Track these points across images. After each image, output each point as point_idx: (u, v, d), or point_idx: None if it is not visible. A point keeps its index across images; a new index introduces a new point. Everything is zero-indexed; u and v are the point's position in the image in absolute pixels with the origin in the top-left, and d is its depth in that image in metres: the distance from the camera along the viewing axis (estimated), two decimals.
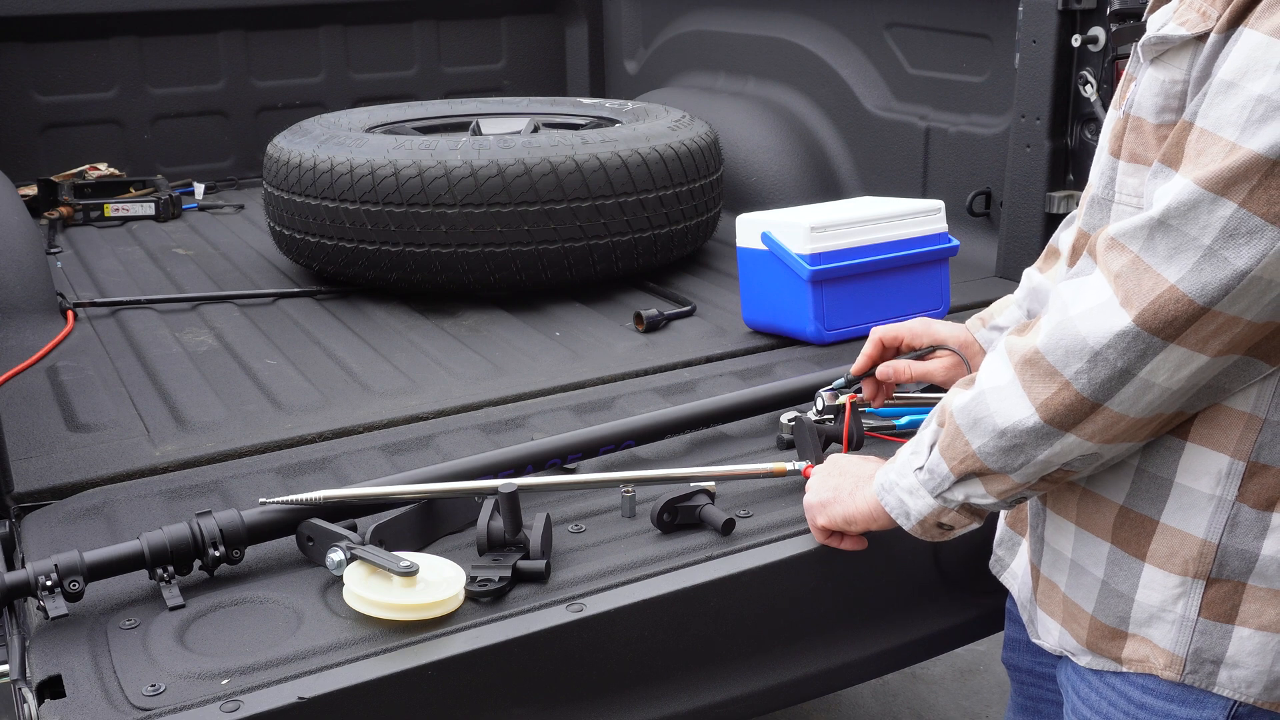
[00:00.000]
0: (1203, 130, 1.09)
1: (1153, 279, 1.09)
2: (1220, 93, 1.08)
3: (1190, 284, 1.07)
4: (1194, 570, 1.20)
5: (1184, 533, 1.21)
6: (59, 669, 1.35)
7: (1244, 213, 1.04)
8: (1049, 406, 1.16)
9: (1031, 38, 2.61)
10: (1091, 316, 1.12)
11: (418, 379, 2.28)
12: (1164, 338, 1.09)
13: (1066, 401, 1.15)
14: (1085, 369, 1.13)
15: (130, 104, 3.98)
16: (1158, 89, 1.20)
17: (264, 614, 1.48)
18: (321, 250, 2.78)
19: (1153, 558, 1.23)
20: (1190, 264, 1.07)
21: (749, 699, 1.64)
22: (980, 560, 1.77)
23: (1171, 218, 1.08)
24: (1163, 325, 1.08)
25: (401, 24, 4.33)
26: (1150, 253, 1.09)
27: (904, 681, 3.33)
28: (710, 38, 3.94)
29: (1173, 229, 1.08)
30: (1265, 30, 1.06)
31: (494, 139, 2.75)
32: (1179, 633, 1.22)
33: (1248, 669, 1.20)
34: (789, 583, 1.63)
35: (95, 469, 1.87)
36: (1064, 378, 1.15)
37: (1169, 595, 1.22)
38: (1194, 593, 1.21)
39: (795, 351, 2.38)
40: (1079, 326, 1.13)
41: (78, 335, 2.51)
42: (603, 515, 1.71)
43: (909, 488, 1.34)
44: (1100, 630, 1.29)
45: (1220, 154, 1.06)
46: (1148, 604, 1.24)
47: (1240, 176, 1.04)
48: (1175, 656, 1.23)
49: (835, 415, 1.86)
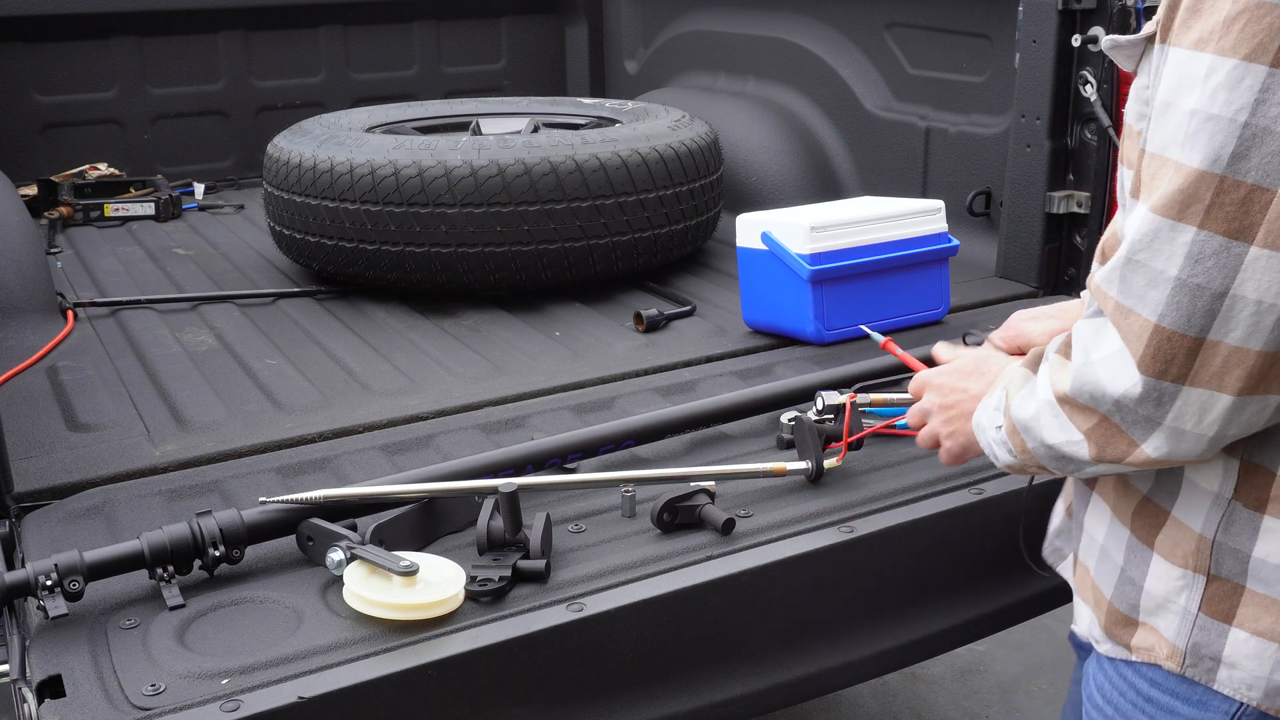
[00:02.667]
0: (1152, 154, 1.08)
1: (1139, 321, 1.06)
2: (1161, 114, 1.07)
3: (1172, 318, 1.04)
4: (1194, 564, 1.21)
5: (1186, 526, 1.21)
6: (59, 669, 1.35)
7: (1205, 234, 1.02)
8: (1092, 438, 1.16)
9: (1031, 38, 2.61)
10: (1109, 363, 1.10)
11: (418, 379, 2.28)
12: (1172, 380, 1.06)
13: (1108, 434, 1.14)
14: (1114, 411, 1.12)
15: (130, 104, 3.98)
16: (1135, 95, 1.21)
17: (264, 614, 1.48)
18: (321, 250, 2.78)
19: (1159, 547, 1.24)
20: (1165, 297, 1.04)
21: (749, 699, 1.64)
22: (982, 560, 1.77)
23: (1138, 253, 1.06)
24: (1164, 367, 1.06)
25: (401, 24, 4.33)
26: (1126, 294, 1.07)
27: (904, 681, 3.33)
28: (710, 38, 3.93)
29: (1140, 264, 1.06)
30: (1186, 45, 1.05)
31: (494, 139, 2.75)
32: (1180, 624, 1.23)
33: (1245, 672, 1.20)
34: (789, 583, 1.63)
35: (95, 469, 1.87)
36: (1100, 413, 1.14)
37: (1173, 586, 1.23)
38: (1195, 587, 1.21)
39: (795, 351, 2.38)
40: (1099, 373, 1.11)
41: (78, 335, 2.51)
42: (603, 515, 1.71)
43: (995, 439, 1.33)
44: (1115, 616, 1.30)
45: (1169, 175, 1.04)
46: (1155, 593, 1.25)
47: (1191, 197, 1.02)
48: (1176, 648, 1.23)
49: (835, 415, 1.86)
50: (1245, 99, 1.00)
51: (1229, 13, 1.01)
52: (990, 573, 1.86)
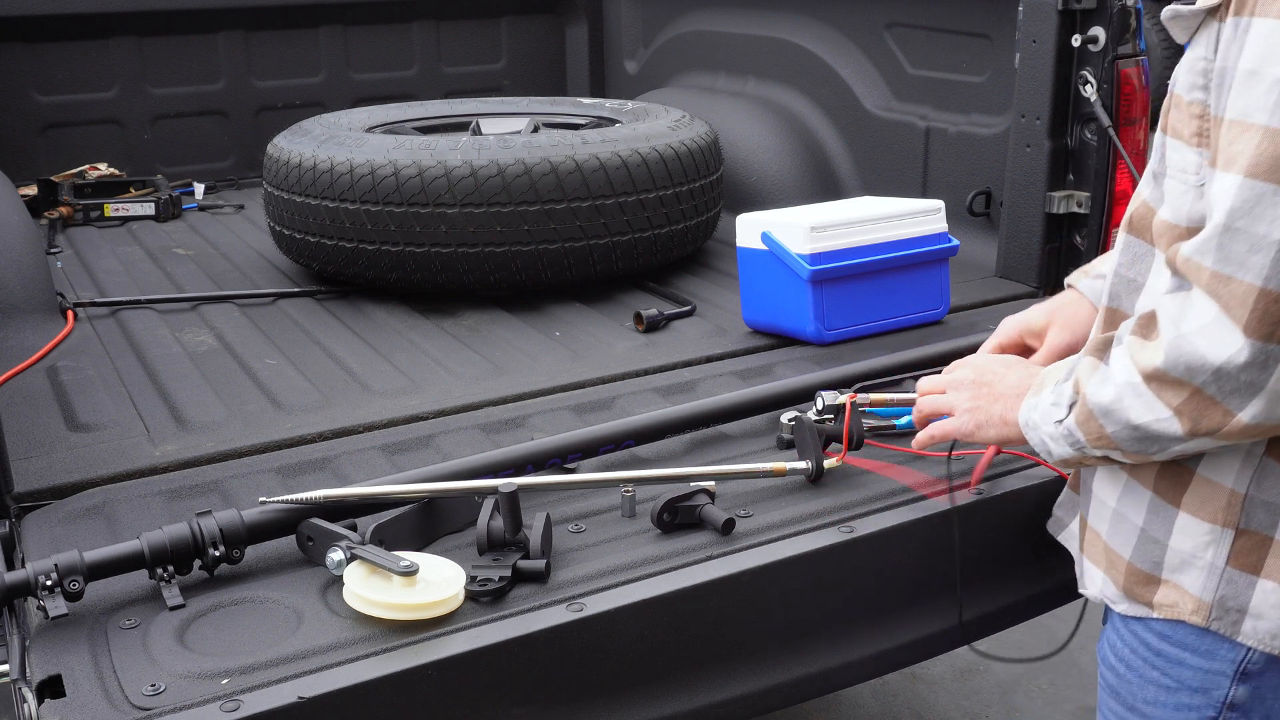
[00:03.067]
0: (1232, 121, 1.10)
1: (1241, 287, 1.08)
2: (1244, 82, 1.09)
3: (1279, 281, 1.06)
4: (1223, 519, 1.25)
5: (1215, 483, 1.25)
6: (59, 669, 1.35)
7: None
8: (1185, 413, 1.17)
9: (1031, 38, 2.61)
10: (1206, 333, 1.12)
11: (418, 379, 2.28)
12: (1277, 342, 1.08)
13: (1200, 408, 1.16)
14: (1213, 381, 1.13)
15: (130, 104, 3.98)
16: (1188, 67, 1.21)
17: (264, 614, 1.48)
18: (321, 250, 2.78)
19: (1187, 505, 1.28)
20: (1270, 260, 1.06)
21: (749, 699, 1.64)
22: (982, 561, 1.77)
23: (1237, 220, 1.08)
24: (1272, 329, 1.08)
25: (401, 24, 4.33)
26: (1226, 262, 1.09)
27: (904, 681, 3.33)
28: (710, 38, 3.93)
29: (1240, 231, 1.08)
30: (1273, 15, 1.08)
31: (494, 139, 2.75)
32: (1207, 579, 1.27)
33: (1270, 621, 1.24)
34: (789, 583, 1.63)
35: (95, 469, 1.87)
36: (1194, 386, 1.15)
37: (1200, 542, 1.27)
38: (1223, 541, 1.25)
39: (795, 351, 2.38)
40: (1196, 343, 1.13)
41: (78, 335, 2.51)
42: (603, 515, 1.71)
43: (1050, 435, 1.35)
44: (1136, 575, 1.33)
45: (1256, 140, 1.07)
46: (1180, 550, 1.28)
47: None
48: (1202, 602, 1.27)
49: (835, 415, 1.86)
50: None
51: None
52: (991, 573, 1.86)
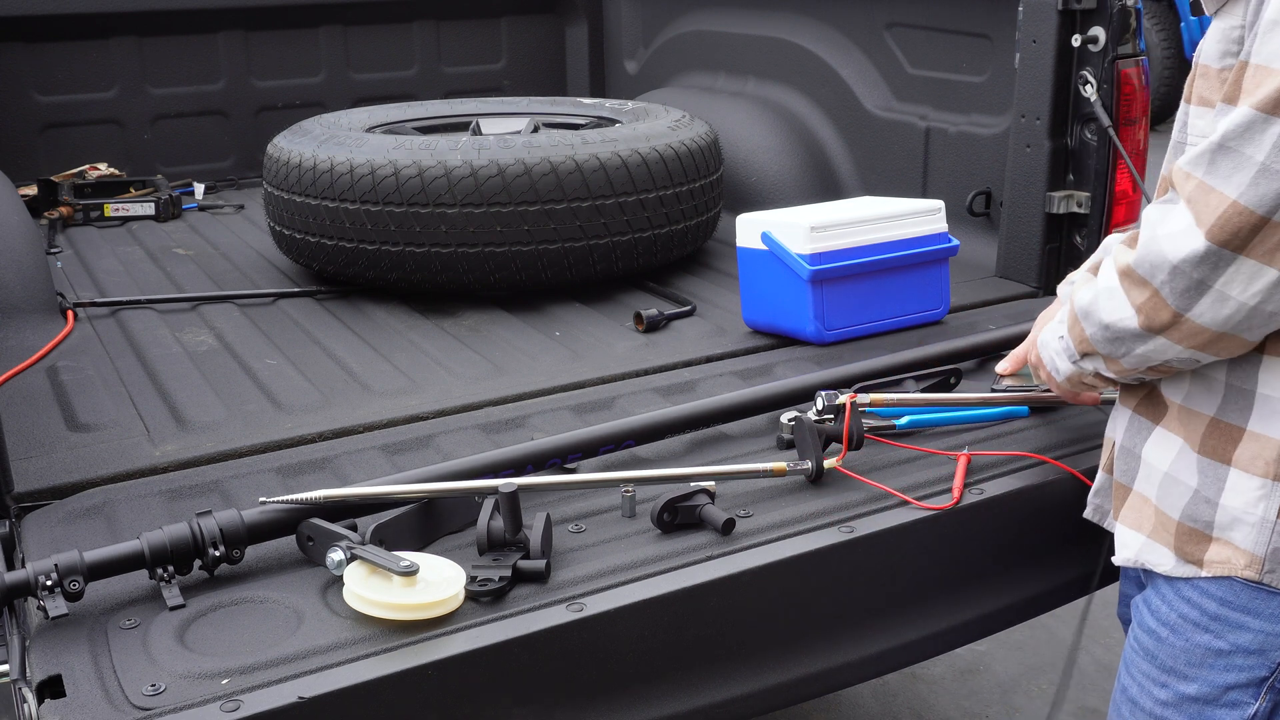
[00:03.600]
0: (1257, 66, 1.20)
1: (1218, 198, 1.20)
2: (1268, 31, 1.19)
3: (1250, 197, 1.17)
4: (1274, 472, 1.29)
5: (1267, 436, 1.30)
6: (59, 669, 1.35)
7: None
8: (1143, 310, 1.30)
9: (1031, 38, 2.61)
10: (1174, 237, 1.24)
11: (418, 379, 2.28)
12: (1232, 249, 1.19)
13: (1156, 307, 1.28)
14: (1168, 280, 1.25)
15: (130, 104, 3.98)
16: (1219, 36, 1.31)
17: (264, 614, 1.48)
18: (321, 250, 2.78)
19: (1238, 462, 1.33)
20: (1249, 179, 1.17)
21: (749, 699, 1.64)
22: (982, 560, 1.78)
23: (1230, 140, 1.19)
24: (1229, 237, 1.19)
25: (401, 24, 4.33)
26: (1213, 174, 1.21)
27: (904, 681, 3.33)
28: (710, 38, 3.93)
29: (1231, 150, 1.19)
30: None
31: (494, 139, 2.75)
32: (1259, 534, 1.31)
33: None
34: (789, 582, 1.63)
35: (95, 469, 1.87)
36: (1153, 286, 1.27)
37: (1251, 498, 1.31)
38: (1274, 495, 1.30)
39: (795, 351, 2.38)
40: (1163, 244, 1.25)
41: (78, 335, 2.51)
42: (603, 515, 1.71)
43: (1055, 350, 1.51)
44: (1187, 535, 1.37)
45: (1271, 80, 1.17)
46: (1231, 507, 1.33)
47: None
48: (1255, 557, 1.31)
49: (835, 415, 1.86)
50: None
51: None
52: (990, 573, 1.86)
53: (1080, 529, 1.71)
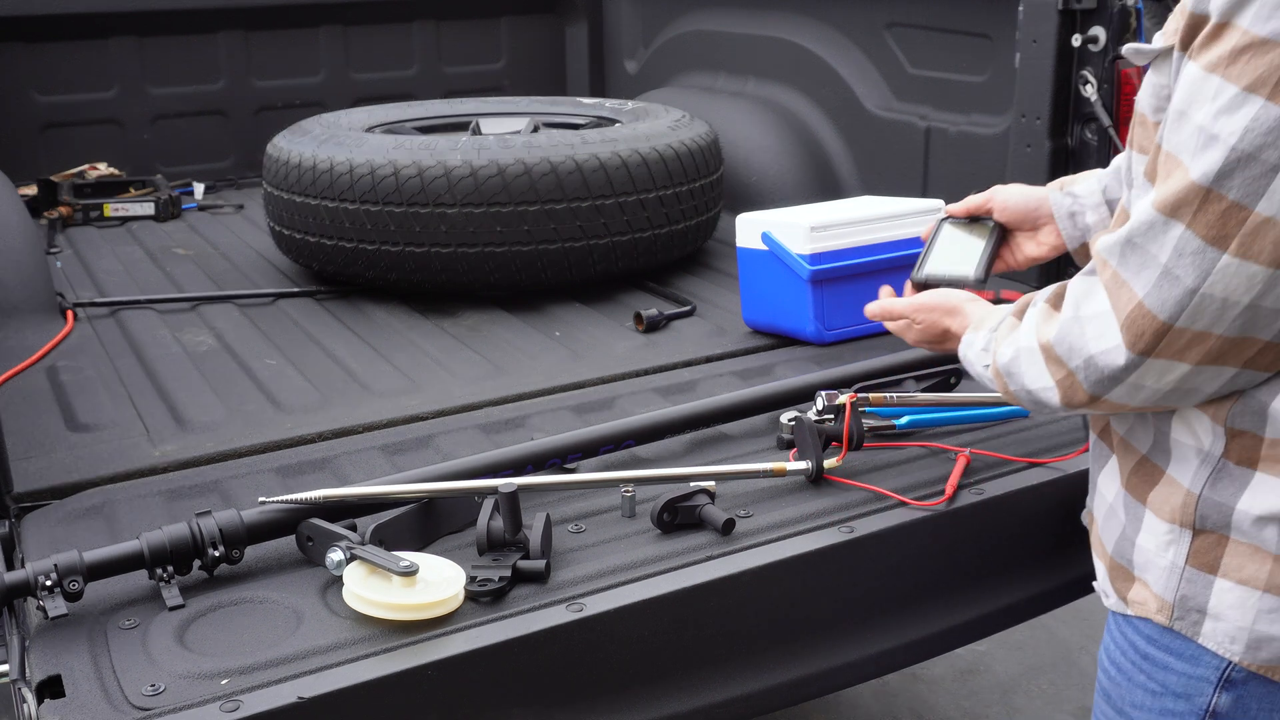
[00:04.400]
0: (1168, 153, 1.19)
1: (1128, 293, 1.19)
2: (1176, 120, 1.18)
3: (1153, 300, 1.17)
4: (1180, 519, 1.28)
5: (1176, 482, 1.29)
6: (59, 669, 1.35)
7: (1189, 234, 1.14)
8: (1061, 387, 1.29)
9: (1031, 38, 2.61)
10: (1095, 322, 1.23)
11: (418, 379, 2.28)
12: (1139, 352, 1.19)
13: (1072, 388, 1.27)
14: (1083, 367, 1.24)
15: (130, 104, 3.98)
16: (1152, 90, 1.30)
17: (264, 614, 1.48)
18: (321, 250, 2.78)
19: (1150, 504, 1.32)
20: (1153, 280, 1.17)
21: (749, 699, 1.63)
22: (982, 560, 1.77)
23: (1137, 236, 1.19)
24: (1135, 339, 1.19)
25: (401, 24, 4.33)
26: (1124, 267, 1.20)
27: (904, 681, 3.33)
28: (710, 38, 3.93)
29: (1138, 246, 1.18)
30: (1202, 65, 1.15)
31: (494, 139, 2.75)
32: (1168, 579, 1.29)
33: (1229, 623, 1.25)
34: (789, 583, 1.63)
35: (95, 469, 1.87)
36: (1069, 369, 1.26)
37: (1161, 542, 1.30)
38: (1182, 541, 1.28)
39: (795, 351, 2.38)
40: (1085, 329, 1.24)
41: (78, 335, 2.51)
42: (603, 515, 1.71)
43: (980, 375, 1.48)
44: (1116, 571, 1.37)
45: (1176, 177, 1.16)
46: (1145, 549, 1.32)
47: (1184, 201, 1.14)
48: (1165, 601, 1.30)
49: (835, 415, 1.86)
50: (1239, 125, 1.11)
51: (1237, 44, 1.11)
52: (990, 572, 1.86)
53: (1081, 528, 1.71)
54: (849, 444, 1.81)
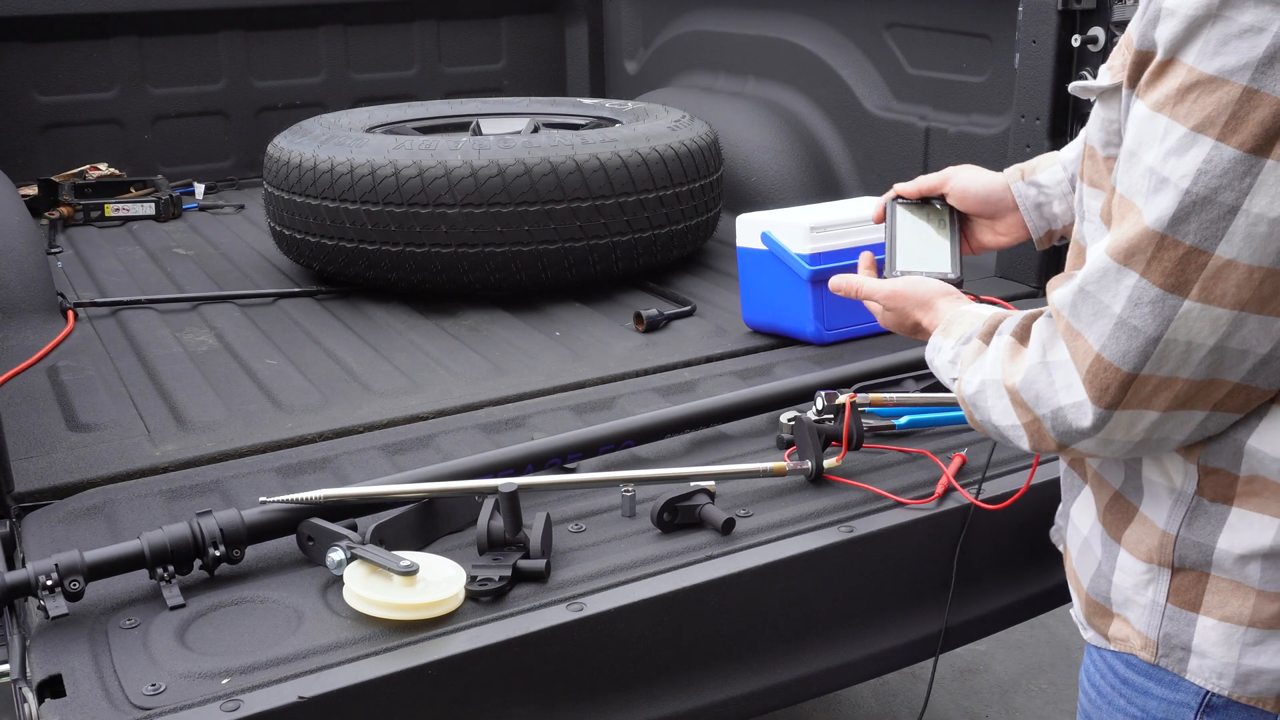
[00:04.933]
0: (1121, 196, 1.14)
1: (1084, 345, 1.15)
2: (1127, 160, 1.14)
3: (1111, 352, 1.13)
4: (1158, 559, 1.25)
5: (1151, 522, 1.26)
6: (59, 668, 1.35)
7: (1144, 283, 1.10)
8: (1029, 430, 1.24)
9: (1031, 38, 2.61)
10: (1062, 370, 1.18)
11: (418, 379, 2.28)
12: (1105, 405, 1.14)
13: (1040, 434, 1.23)
14: (1049, 417, 1.20)
15: (130, 104, 3.98)
16: (1101, 124, 1.27)
17: (264, 613, 1.48)
18: (321, 250, 2.78)
19: (1125, 543, 1.29)
20: (1108, 331, 1.13)
21: (749, 699, 1.64)
22: (982, 560, 1.77)
23: (1089, 285, 1.14)
24: (1099, 393, 1.14)
25: (401, 24, 4.33)
26: (1076, 318, 1.16)
27: (904, 681, 3.34)
28: (710, 38, 3.94)
29: (1090, 295, 1.14)
30: (1149, 104, 1.11)
31: (494, 139, 2.75)
32: (1150, 617, 1.27)
33: (1215, 659, 1.23)
34: (789, 582, 1.63)
35: (95, 469, 1.87)
36: (1035, 415, 1.22)
37: (1139, 580, 1.27)
38: (1161, 580, 1.25)
39: (795, 351, 2.38)
40: (1053, 377, 1.19)
41: (78, 335, 2.51)
42: (603, 515, 1.71)
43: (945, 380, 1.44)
44: (1093, 606, 1.35)
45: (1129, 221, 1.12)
46: (1123, 587, 1.29)
47: (1137, 248, 1.10)
48: (1149, 639, 1.27)
49: (835, 415, 1.86)
50: (1190, 167, 1.06)
51: (1184, 81, 1.07)
52: (990, 572, 1.86)
53: None
54: (848, 444, 1.81)
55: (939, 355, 1.45)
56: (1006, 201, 1.76)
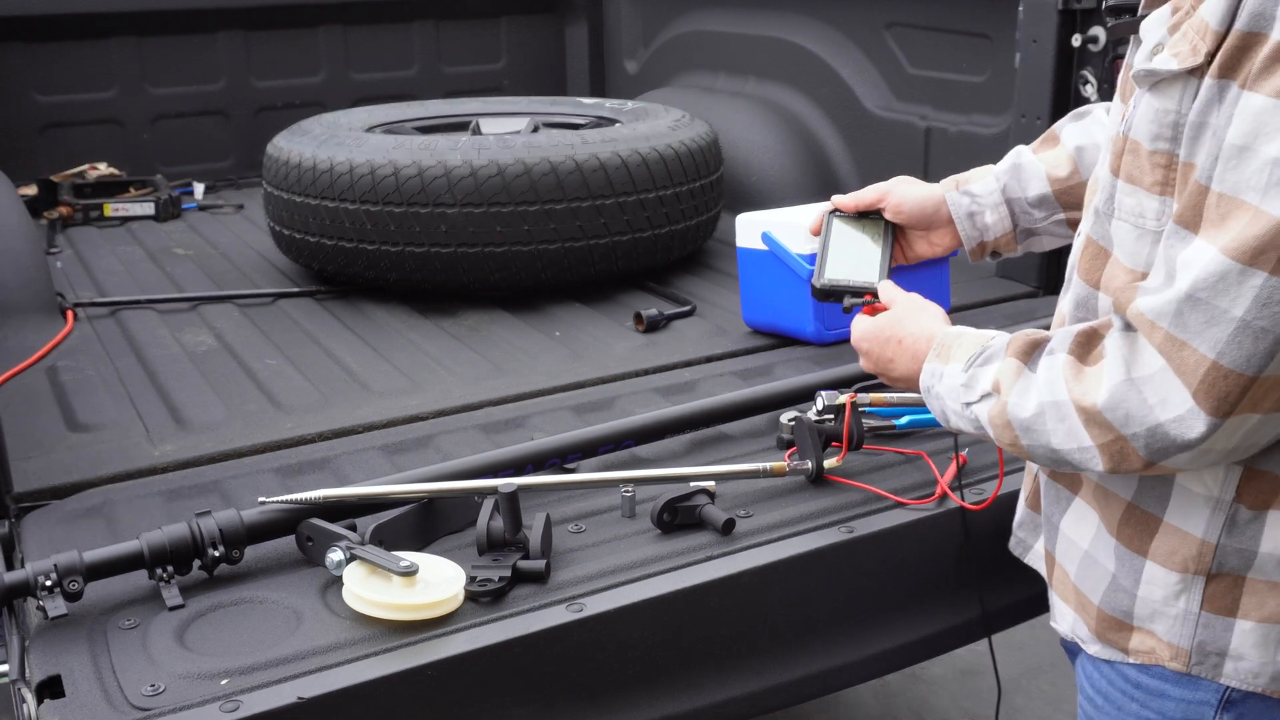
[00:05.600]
0: (1222, 195, 1.07)
1: (1194, 355, 1.08)
2: (1234, 157, 1.06)
3: (1232, 358, 1.06)
4: (1194, 568, 1.22)
5: (1184, 532, 1.23)
6: (58, 669, 1.35)
7: (1276, 281, 1.03)
8: (1107, 451, 1.17)
9: (1031, 38, 2.61)
10: (1156, 386, 1.11)
11: (418, 379, 2.28)
12: (1221, 415, 1.08)
13: (1124, 453, 1.16)
14: (1144, 435, 1.13)
15: (130, 104, 3.98)
16: (1152, 116, 1.18)
17: (264, 614, 1.47)
18: (321, 250, 2.78)
19: (1154, 555, 1.25)
20: (1226, 337, 1.06)
21: (749, 699, 1.63)
22: (982, 560, 1.77)
23: (1200, 291, 1.07)
24: (1218, 403, 1.08)
25: (401, 24, 4.33)
26: (1182, 329, 1.09)
27: (904, 681, 3.33)
28: (710, 38, 3.93)
29: (1202, 303, 1.07)
30: (1267, 93, 1.04)
31: (494, 139, 2.75)
32: (1182, 627, 1.24)
33: (1252, 660, 1.22)
34: (789, 583, 1.63)
35: (95, 469, 1.87)
36: (1123, 436, 1.15)
37: (1170, 591, 1.24)
38: (1195, 588, 1.23)
39: (795, 351, 2.38)
40: (1145, 393, 1.12)
41: (78, 335, 2.51)
42: (603, 515, 1.71)
43: (954, 410, 1.34)
44: (1108, 621, 1.31)
45: (1245, 220, 1.05)
46: (1150, 599, 1.26)
47: (1267, 245, 1.03)
48: (1180, 649, 1.25)
49: (835, 415, 1.86)
50: None
51: None
52: (990, 573, 1.86)
53: None
54: (849, 444, 1.81)
55: (940, 382, 1.37)
56: (941, 213, 1.74)
